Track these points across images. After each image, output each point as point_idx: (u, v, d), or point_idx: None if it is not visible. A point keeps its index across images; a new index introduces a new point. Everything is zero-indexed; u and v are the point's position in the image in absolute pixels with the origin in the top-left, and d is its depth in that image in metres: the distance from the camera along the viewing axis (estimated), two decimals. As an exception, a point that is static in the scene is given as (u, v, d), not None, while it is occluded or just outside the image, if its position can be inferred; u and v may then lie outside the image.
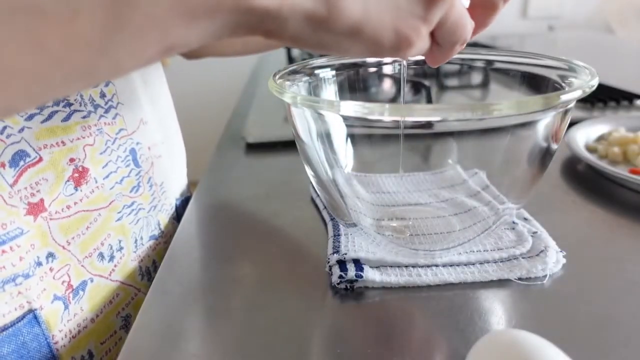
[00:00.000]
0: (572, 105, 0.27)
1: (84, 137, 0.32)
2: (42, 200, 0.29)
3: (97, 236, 0.34)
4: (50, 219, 0.30)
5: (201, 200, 0.44)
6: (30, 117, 0.29)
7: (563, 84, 0.30)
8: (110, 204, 0.35)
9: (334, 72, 0.37)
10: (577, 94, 0.24)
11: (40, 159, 0.29)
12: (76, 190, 0.32)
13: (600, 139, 0.51)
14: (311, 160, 0.31)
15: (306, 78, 0.35)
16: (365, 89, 0.40)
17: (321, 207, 0.39)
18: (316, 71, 0.36)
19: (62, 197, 0.31)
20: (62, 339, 0.31)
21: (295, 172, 0.49)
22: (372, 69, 0.40)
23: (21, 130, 0.28)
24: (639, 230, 0.35)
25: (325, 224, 0.37)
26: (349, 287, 0.30)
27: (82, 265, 0.33)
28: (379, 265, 0.30)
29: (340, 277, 0.29)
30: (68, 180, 0.31)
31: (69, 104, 0.31)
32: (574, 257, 0.31)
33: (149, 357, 0.26)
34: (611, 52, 1.15)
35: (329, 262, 0.31)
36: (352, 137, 0.29)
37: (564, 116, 0.27)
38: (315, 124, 0.29)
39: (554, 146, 0.28)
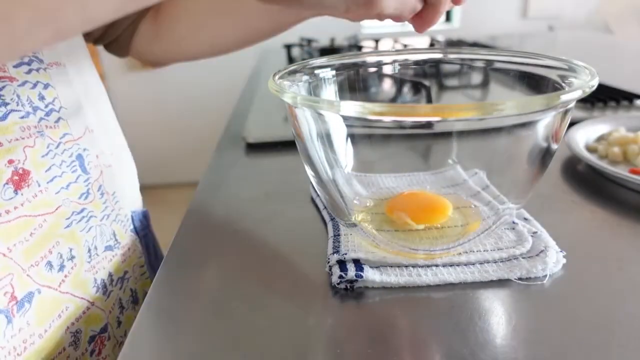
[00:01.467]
0: (572, 105, 0.27)
1: (23, 138, 0.31)
2: None
3: (44, 243, 0.32)
4: None
5: (201, 200, 0.44)
6: None
7: (563, 84, 0.30)
8: (56, 209, 0.33)
9: (334, 72, 0.37)
10: (577, 94, 0.24)
11: None
12: (16, 193, 0.30)
13: (600, 139, 0.51)
14: (311, 160, 0.31)
15: (306, 78, 0.35)
16: (365, 89, 0.40)
17: (321, 207, 0.39)
18: (316, 71, 0.36)
19: (0, 200, 0.29)
20: (6, 356, 0.29)
21: (295, 172, 0.49)
22: (372, 69, 0.40)
23: None
24: (639, 230, 0.35)
25: (325, 224, 0.37)
26: (349, 287, 0.30)
27: (27, 275, 0.30)
28: (379, 265, 0.30)
29: (340, 277, 0.29)
30: (7, 183, 0.29)
31: (5, 103, 0.30)
32: (574, 257, 0.31)
33: (148, 357, 0.26)
34: (611, 52, 1.15)
35: (329, 262, 0.31)
36: (352, 137, 0.29)
37: (564, 116, 0.27)
38: (315, 124, 0.29)
39: (554, 146, 0.28)
